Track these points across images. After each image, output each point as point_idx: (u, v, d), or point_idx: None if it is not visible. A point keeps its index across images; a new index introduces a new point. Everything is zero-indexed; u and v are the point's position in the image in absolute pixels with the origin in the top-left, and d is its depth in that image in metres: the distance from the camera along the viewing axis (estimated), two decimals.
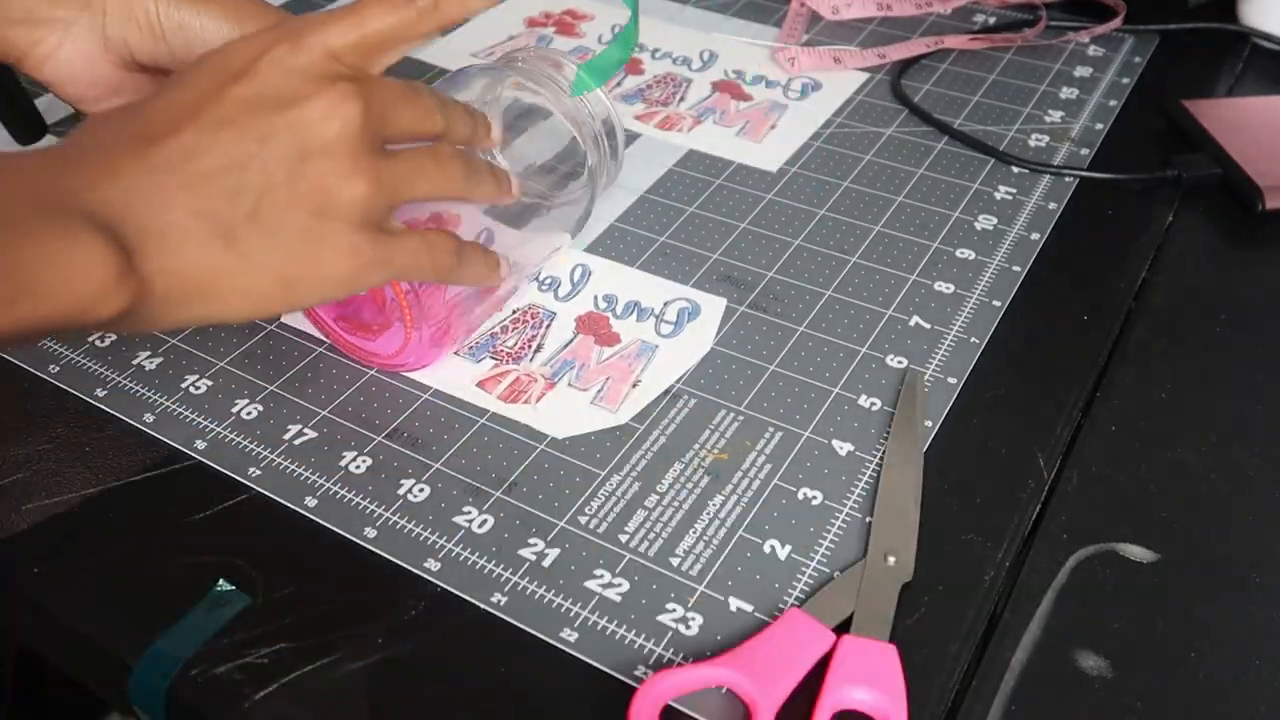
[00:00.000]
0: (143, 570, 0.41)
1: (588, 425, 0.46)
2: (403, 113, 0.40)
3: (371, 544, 0.41)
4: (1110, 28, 0.71)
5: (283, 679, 0.37)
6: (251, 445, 0.45)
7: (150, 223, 0.35)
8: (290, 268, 0.37)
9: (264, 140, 0.36)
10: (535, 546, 0.41)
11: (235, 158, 0.36)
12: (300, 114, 0.37)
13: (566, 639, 0.38)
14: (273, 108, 0.36)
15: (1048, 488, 0.44)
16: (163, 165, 0.35)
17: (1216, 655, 0.38)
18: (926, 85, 0.67)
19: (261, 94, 0.37)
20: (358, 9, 0.39)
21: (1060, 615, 0.39)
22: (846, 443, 0.45)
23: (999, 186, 0.59)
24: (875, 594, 0.39)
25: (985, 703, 0.37)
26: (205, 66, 0.38)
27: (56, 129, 0.65)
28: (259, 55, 0.37)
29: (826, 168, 0.61)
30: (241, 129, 0.36)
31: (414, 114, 0.40)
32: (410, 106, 0.40)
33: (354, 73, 0.38)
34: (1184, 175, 0.59)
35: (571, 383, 0.48)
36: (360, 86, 0.38)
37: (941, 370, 0.48)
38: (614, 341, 0.50)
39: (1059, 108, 0.65)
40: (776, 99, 0.67)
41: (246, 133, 0.36)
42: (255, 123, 0.36)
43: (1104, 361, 0.49)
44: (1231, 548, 0.41)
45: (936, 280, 0.53)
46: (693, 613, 0.39)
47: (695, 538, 0.42)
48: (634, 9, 0.52)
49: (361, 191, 0.38)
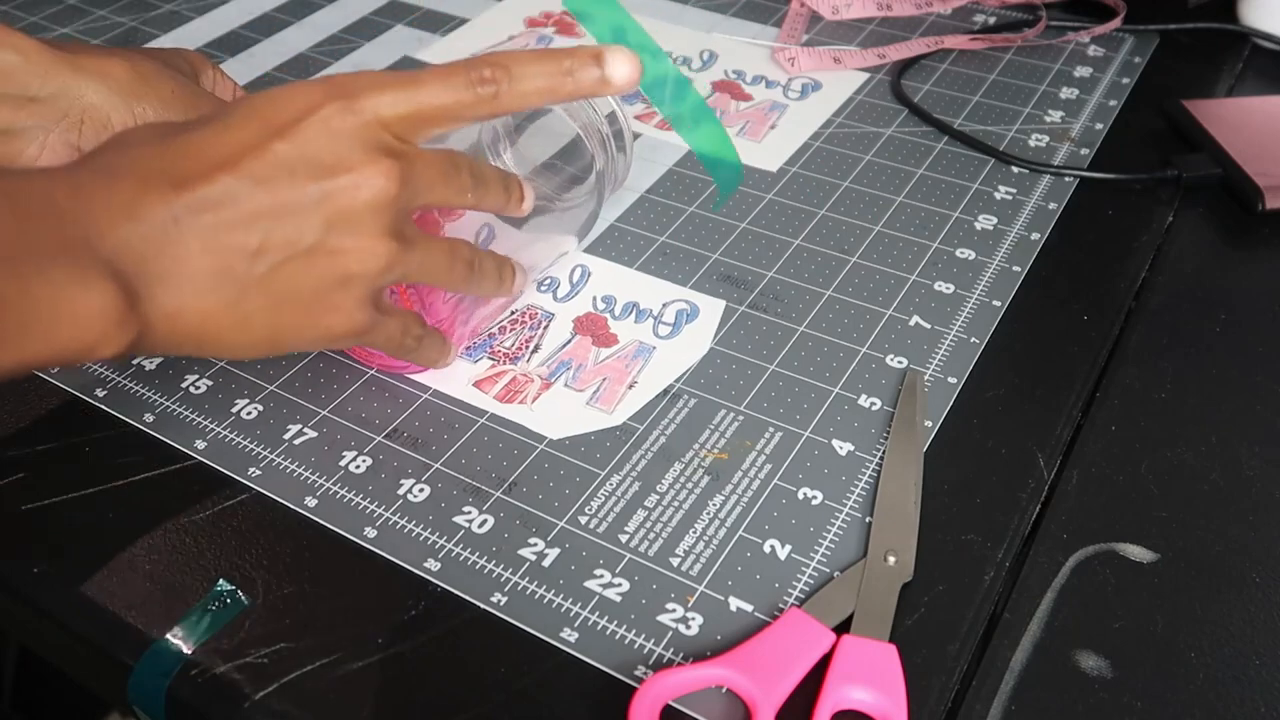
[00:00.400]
0: (143, 570, 0.41)
1: (583, 426, 0.46)
2: (437, 189, 0.39)
3: (371, 544, 0.41)
4: (1110, 28, 0.71)
5: (283, 679, 0.37)
6: (251, 445, 0.45)
7: (164, 270, 0.35)
8: (287, 326, 0.38)
9: (295, 206, 0.36)
10: (535, 546, 0.41)
11: (263, 218, 0.36)
12: (336, 184, 0.36)
13: (566, 639, 0.38)
14: (311, 173, 0.36)
15: (1048, 488, 0.44)
16: (188, 211, 0.35)
17: (1216, 655, 0.38)
18: (926, 85, 0.67)
19: (303, 156, 0.36)
20: (416, 80, 0.38)
21: (1060, 615, 0.39)
22: (846, 443, 0.45)
23: (999, 186, 0.59)
24: (875, 594, 0.39)
25: (985, 703, 0.37)
26: (252, 113, 0.37)
27: None
28: (307, 112, 0.36)
29: (826, 168, 0.61)
30: (275, 190, 0.36)
31: (447, 191, 0.40)
32: (445, 184, 0.40)
33: (398, 144, 0.38)
34: (1184, 175, 0.59)
35: (568, 383, 0.48)
36: (401, 163, 0.37)
37: (941, 370, 0.48)
38: (611, 342, 0.50)
39: (1059, 108, 0.65)
40: (776, 99, 0.67)
41: (279, 195, 0.36)
42: (290, 186, 0.36)
43: (1104, 361, 0.49)
44: (1231, 548, 0.41)
45: (936, 280, 0.53)
46: (693, 613, 0.39)
47: (695, 538, 0.42)
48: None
49: (376, 271, 0.38)
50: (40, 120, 0.46)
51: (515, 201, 0.43)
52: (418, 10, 0.76)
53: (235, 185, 0.35)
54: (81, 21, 0.76)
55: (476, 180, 0.41)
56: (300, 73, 0.70)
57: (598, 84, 0.39)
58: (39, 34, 0.74)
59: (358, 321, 0.39)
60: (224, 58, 0.71)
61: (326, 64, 0.70)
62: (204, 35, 0.74)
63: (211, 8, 0.77)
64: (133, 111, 0.47)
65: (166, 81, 0.48)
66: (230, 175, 0.35)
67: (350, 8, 0.77)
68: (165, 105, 0.48)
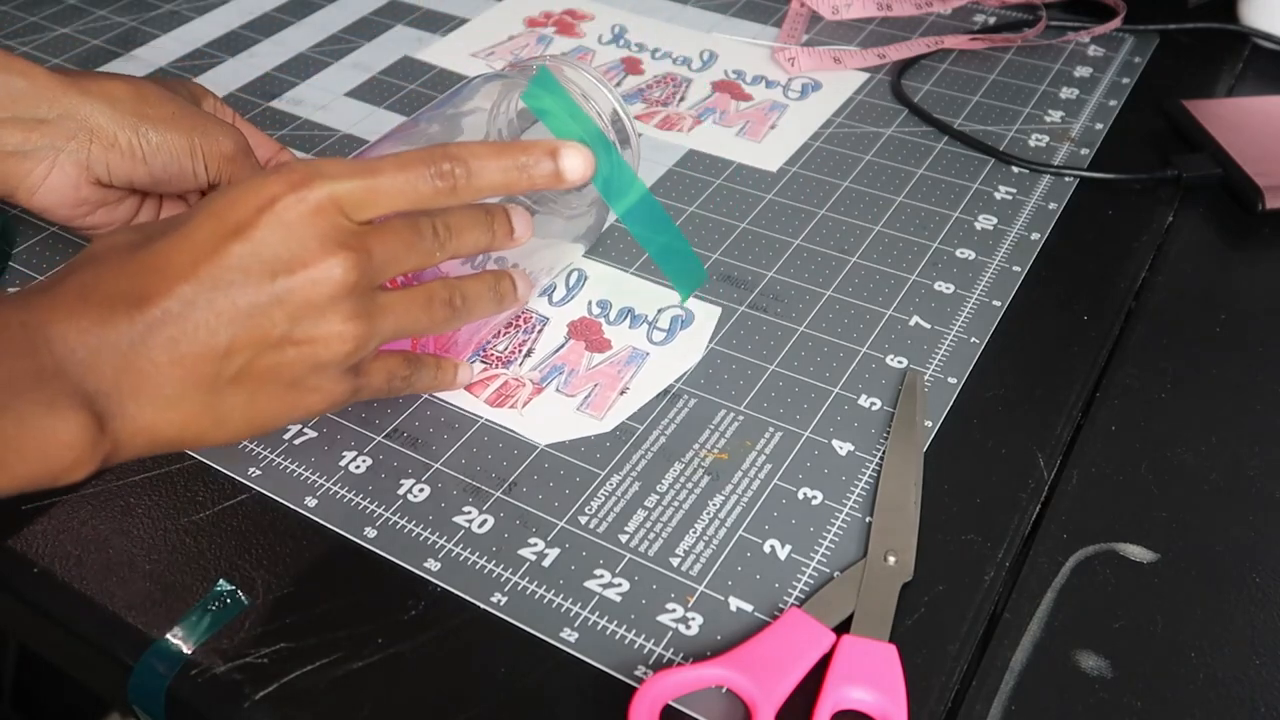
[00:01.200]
0: (143, 570, 0.41)
1: (572, 432, 0.46)
2: (402, 260, 0.39)
3: (371, 544, 0.41)
4: (1110, 28, 0.71)
5: (283, 679, 0.37)
6: (252, 445, 0.45)
7: (135, 386, 0.35)
8: (266, 413, 0.38)
9: (256, 306, 0.36)
10: (535, 546, 0.41)
11: (226, 321, 0.36)
12: (294, 281, 0.36)
13: (566, 639, 0.38)
14: (268, 273, 0.36)
15: (1048, 488, 0.44)
16: (151, 328, 0.35)
17: (1216, 655, 0.38)
18: (926, 85, 0.67)
19: (258, 255, 0.36)
20: (374, 169, 0.38)
21: (1060, 615, 0.39)
22: (846, 443, 0.45)
23: (999, 186, 0.59)
24: (875, 594, 0.39)
25: (985, 703, 0.37)
26: (210, 215, 0.36)
27: None
28: (262, 208, 0.36)
29: (826, 168, 0.61)
30: (233, 292, 0.36)
31: (414, 257, 0.39)
32: (410, 251, 0.39)
33: (353, 228, 0.37)
34: (1184, 175, 0.59)
35: (559, 388, 0.48)
36: (358, 253, 0.37)
37: (941, 370, 0.48)
38: (605, 348, 0.50)
39: (1059, 108, 0.65)
40: (776, 99, 0.67)
41: (238, 297, 0.36)
42: (247, 287, 0.36)
43: (1104, 361, 0.49)
44: (1231, 548, 0.41)
45: (936, 280, 0.53)
46: (693, 613, 0.39)
47: (695, 538, 0.42)
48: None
49: (348, 350, 0.38)
50: (50, 140, 0.47)
51: (504, 236, 0.42)
52: (418, 10, 0.76)
53: (193, 293, 0.35)
54: (81, 21, 0.76)
55: (449, 233, 0.40)
56: (301, 73, 0.70)
57: (551, 178, 0.40)
58: (39, 34, 0.74)
59: (337, 395, 0.40)
60: (224, 58, 0.71)
61: (327, 64, 0.70)
62: (204, 35, 0.74)
63: (211, 8, 0.77)
64: (137, 132, 0.48)
65: (168, 104, 0.49)
66: (188, 284, 0.35)
67: (350, 8, 0.77)
68: (168, 126, 0.49)
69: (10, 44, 0.73)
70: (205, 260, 0.36)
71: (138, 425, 0.36)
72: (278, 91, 0.68)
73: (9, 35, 0.74)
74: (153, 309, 0.35)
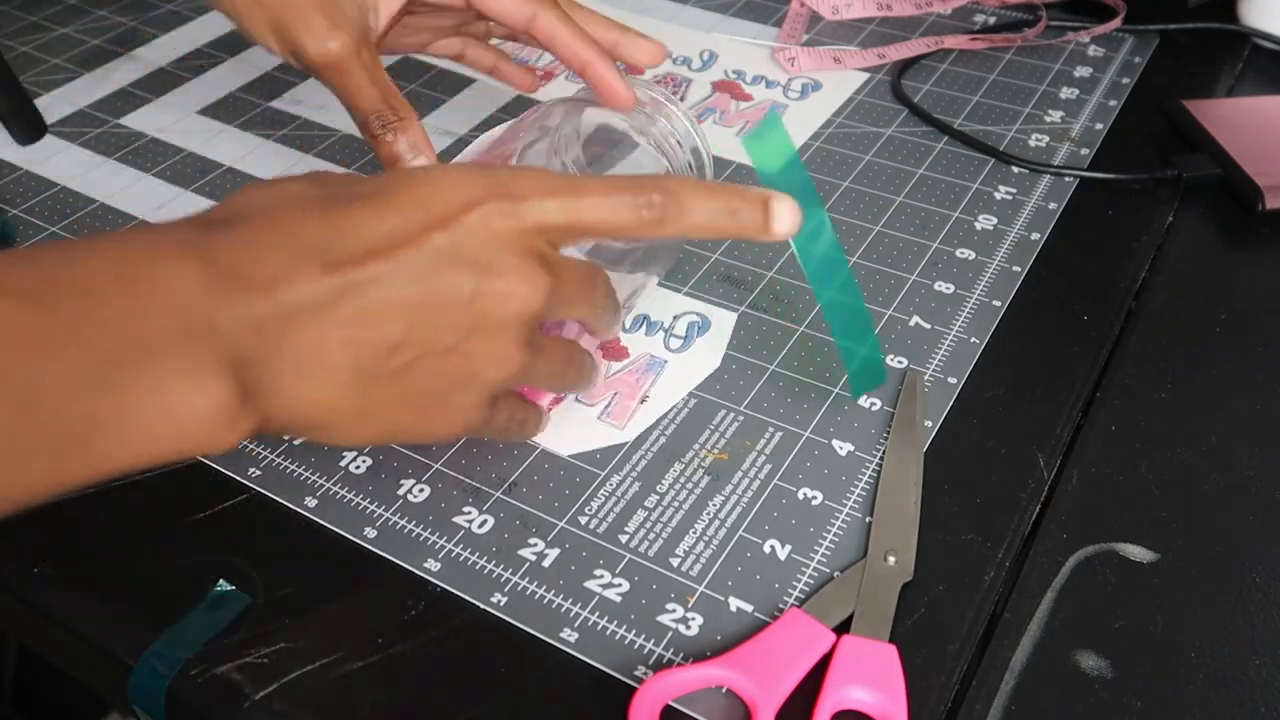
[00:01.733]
0: (143, 570, 0.41)
1: (594, 442, 0.45)
2: (576, 305, 0.38)
3: (371, 544, 0.41)
4: (1110, 28, 0.72)
5: (283, 679, 0.37)
6: (251, 445, 0.45)
7: (299, 357, 0.33)
8: (405, 421, 0.37)
9: (443, 304, 0.34)
10: (535, 546, 0.41)
11: (410, 312, 0.34)
12: (487, 288, 0.34)
13: (566, 639, 0.38)
14: (465, 272, 0.34)
15: (1048, 488, 0.44)
16: (336, 296, 0.32)
17: (1216, 655, 0.38)
18: (926, 85, 0.67)
19: (459, 253, 0.34)
20: (579, 189, 0.36)
21: (1060, 615, 0.39)
22: (846, 443, 0.45)
23: (999, 186, 0.59)
24: (875, 594, 0.39)
25: (985, 703, 0.37)
26: (413, 197, 0.34)
27: (56, 129, 0.65)
28: (469, 206, 0.34)
29: (826, 168, 0.61)
30: (427, 285, 0.34)
31: (582, 308, 0.39)
32: (584, 300, 0.39)
33: (550, 253, 0.36)
34: (1184, 175, 0.59)
35: (578, 398, 0.47)
36: (552, 276, 0.36)
37: (941, 370, 0.48)
38: (622, 356, 0.49)
39: (1059, 108, 0.65)
40: (776, 99, 0.67)
41: (430, 290, 0.34)
42: (443, 282, 0.34)
43: (1104, 361, 0.49)
44: (1231, 548, 0.41)
45: (936, 280, 0.53)
46: (693, 613, 0.39)
47: (695, 538, 0.42)
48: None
49: (505, 376, 0.37)
50: None
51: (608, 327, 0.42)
52: None
53: (388, 274, 0.33)
54: (81, 21, 0.76)
55: (607, 301, 0.40)
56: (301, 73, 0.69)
57: (757, 229, 0.37)
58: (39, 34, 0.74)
59: (470, 422, 0.38)
60: (224, 58, 0.71)
61: None
62: (204, 35, 0.74)
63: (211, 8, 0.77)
64: None
65: None
66: (385, 262, 0.33)
67: None
68: None
69: (10, 44, 0.73)
70: (406, 243, 0.33)
71: (287, 399, 0.33)
72: (278, 91, 0.68)
73: (9, 35, 0.74)
74: (341, 276, 0.32)
